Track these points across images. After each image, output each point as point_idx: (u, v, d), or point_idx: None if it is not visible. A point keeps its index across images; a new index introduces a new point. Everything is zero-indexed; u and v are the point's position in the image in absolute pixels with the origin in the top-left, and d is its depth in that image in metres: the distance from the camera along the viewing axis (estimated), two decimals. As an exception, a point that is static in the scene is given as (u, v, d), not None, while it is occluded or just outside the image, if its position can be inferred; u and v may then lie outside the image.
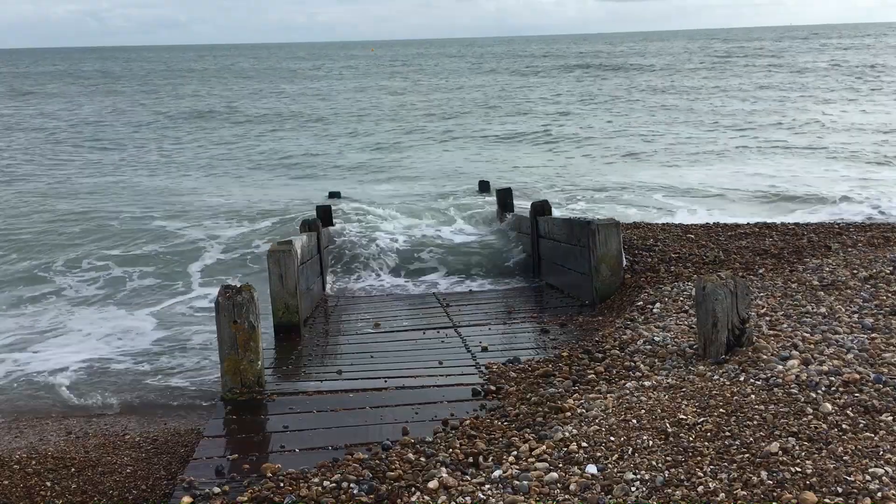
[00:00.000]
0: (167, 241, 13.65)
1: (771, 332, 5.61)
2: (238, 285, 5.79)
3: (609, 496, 3.62)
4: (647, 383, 4.97)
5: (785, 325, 5.77)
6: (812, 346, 5.18)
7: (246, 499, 4.05)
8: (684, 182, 18.19)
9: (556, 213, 10.75)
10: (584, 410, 4.69)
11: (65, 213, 16.29)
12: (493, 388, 5.57)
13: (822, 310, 6.13)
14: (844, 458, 3.66)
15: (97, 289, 11.38)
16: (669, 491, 3.57)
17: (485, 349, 6.82)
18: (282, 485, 4.16)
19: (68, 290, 11.29)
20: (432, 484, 3.93)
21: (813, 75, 46.91)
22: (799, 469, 3.60)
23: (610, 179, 19.03)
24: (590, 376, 5.45)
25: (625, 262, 8.42)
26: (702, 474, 3.67)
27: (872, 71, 47.71)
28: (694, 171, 19.90)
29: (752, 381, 4.63)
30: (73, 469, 5.53)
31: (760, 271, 7.90)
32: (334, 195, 17.43)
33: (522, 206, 13.52)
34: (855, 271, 7.26)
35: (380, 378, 6.08)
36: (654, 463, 3.82)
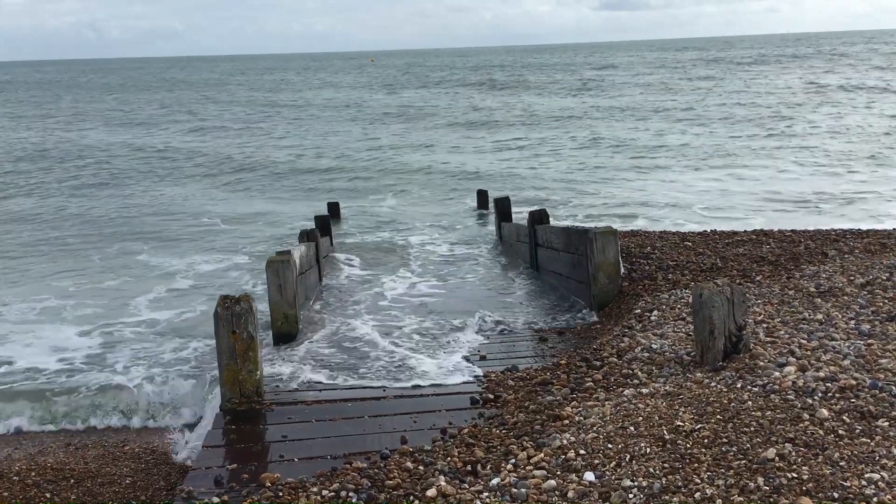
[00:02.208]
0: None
1: (768, 338, 5.63)
2: (237, 296, 5.81)
3: (607, 503, 3.63)
4: (644, 391, 4.98)
5: (782, 332, 5.79)
6: (809, 353, 5.20)
7: (245, 508, 4.06)
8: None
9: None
10: (581, 418, 4.70)
11: None
12: (491, 396, 5.58)
13: (819, 316, 6.15)
14: (841, 463, 3.68)
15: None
16: (667, 498, 3.59)
17: (483, 358, 6.83)
18: (280, 494, 4.17)
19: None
20: (431, 492, 3.94)
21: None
22: (795, 475, 3.61)
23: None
24: (588, 384, 5.46)
25: (622, 270, 8.44)
26: (699, 481, 3.68)
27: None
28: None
29: (748, 387, 4.64)
30: (72, 480, 5.54)
31: (758, 278, 7.93)
32: (333, 206, 17.47)
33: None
34: (852, 278, 7.28)
35: (378, 387, 6.10)
36: (651, 470, 3.84)
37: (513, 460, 4.23)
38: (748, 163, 22.67)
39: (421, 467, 4.33)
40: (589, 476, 3.88)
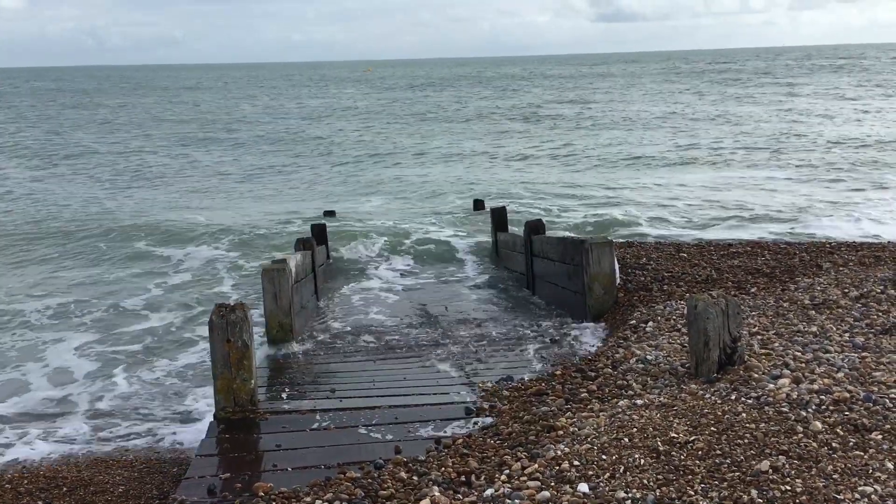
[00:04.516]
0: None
1: (762, 350, 5.64)
2: (231, 304, 5.80)
3: (600, 515, 3.63)
4: (639, 402, 4.98)
5: (776, 344, 5.80)
6: (803, 365, 5.21)
7: (238, 518, 4.05)
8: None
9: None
10: (576, 429, 4.70)
11: None
12: (485, 406, 5.58)
13: (814, 329, 6.16)
14: (834, 476, 3.68)
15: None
16: (660, 509, 3.59)
17: (478, 367, 6.83)
18: (274, 504, 4.16)
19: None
20: (424, 503, 3.93)
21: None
22: (789, 488, 3.61)
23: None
24: (582, 395, 5.46)
25: (618, 281, 8.45)
26: (693, 493, 3.68)
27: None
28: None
29: (743, 399, 4.65)
30: (64, 488, 5.52)
31: (752, 290, 7.94)
32: (329, 214, 17.49)
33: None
34: (846, 290, 7.30)
35: (373, 397, 6.09)
36: (645, 481, 3.83)
37: (507, 471, 4.22)
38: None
39: (415, 477, 4.32)
40: (583, 487, 3.87)
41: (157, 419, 7.34)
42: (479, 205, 17.96)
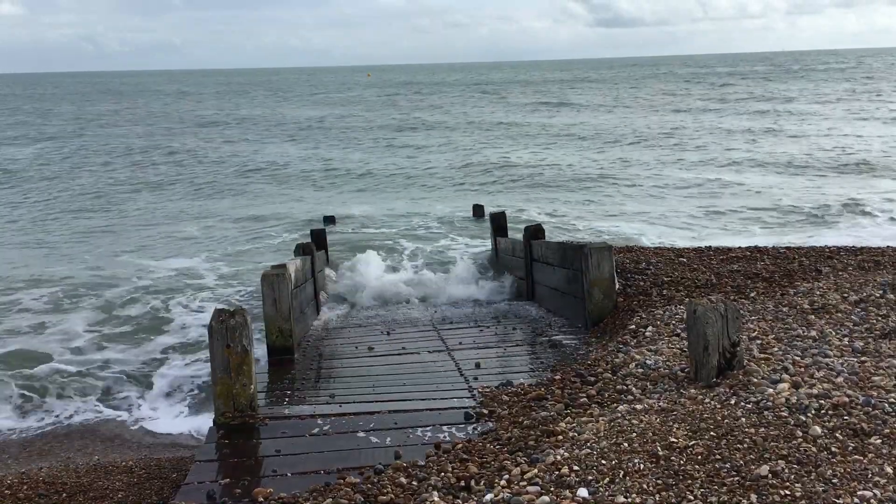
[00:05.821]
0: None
1: (762, 355, 5.64)
2: (231, 309, 5.80)
3: (600, 520, 3.63)
4: (638, 406, 4.98)
5: (776, 349, 5.80)
6: (802, 370, 5.21)
7: (237, 523, 4.04)
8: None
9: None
10: (575, 434, 4.69)
11: None
12: (485, 411, 5.58)
13: (813, 333, 6.16)
14: (833, 480, 3.69)
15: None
16: (660, 514, 3.59)
17: (477, 372, 6.83)
18: (273, 509, 4.16)
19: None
20: (424, 508, 3.93)
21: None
22: (788, 492, 3.61)
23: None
24: (582, 400, 5.46)
25: (617, 286, 8.45)
26: (692, 497, 3.68)
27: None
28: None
29: (742, 404, 4.65)
30: (64, 494, 5.51)
31: (752, 295, 7.94)
32: (328, 219, 17.50)
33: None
34: (845, 295, 7.30)
35: (373, 402, 6.09)
36: (645, 486, 3.84)
37: (506, 476, 4.22)
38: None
39: (414, 482, 4.32)
40: (582, 492, 3.87)
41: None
42: (478, 210, 17.97)
